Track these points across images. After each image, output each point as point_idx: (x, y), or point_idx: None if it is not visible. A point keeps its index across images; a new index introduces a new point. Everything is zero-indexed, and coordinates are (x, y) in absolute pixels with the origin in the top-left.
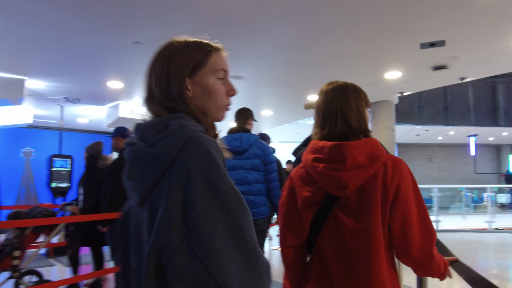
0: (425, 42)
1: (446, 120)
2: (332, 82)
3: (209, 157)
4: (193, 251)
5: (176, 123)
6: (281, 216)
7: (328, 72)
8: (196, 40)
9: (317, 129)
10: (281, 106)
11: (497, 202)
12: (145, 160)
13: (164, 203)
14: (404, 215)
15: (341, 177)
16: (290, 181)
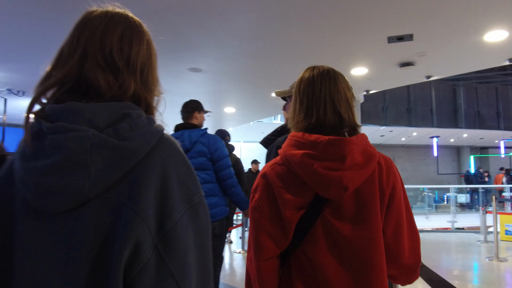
0: (393, 36)
1: (409, 121)
2: (317, 67)
3: (184, 161)
4: (166, 265)
5: (137, 114)
6: (254, 223)
7: (292, 67)
8: None
9: (301, 117)
10: (244, 103)
11: (457, 202)
12: (109, 152)
13: (134, 207)
14: (398, 219)
15: (341, 178)
16: (265, 180)
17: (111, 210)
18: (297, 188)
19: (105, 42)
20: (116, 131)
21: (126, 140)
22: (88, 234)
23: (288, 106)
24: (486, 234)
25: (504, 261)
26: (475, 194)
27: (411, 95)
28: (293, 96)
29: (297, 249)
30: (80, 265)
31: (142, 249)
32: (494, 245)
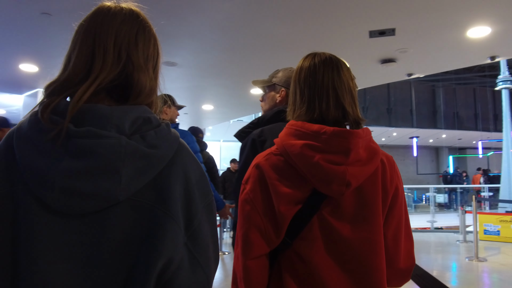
0: (375, 30)
1: (389, 121)
2: (318, 54)
3: (199, 165)
4: (196, 259)
5: (155, 118)
6: (244, 217)
7: (272, 61)
8: None
9: (303, 111)
10: (222, 101)
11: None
12: (140, 159)
13: (166, 210)
14: (398, 222)
15: (344, 173)
16: (258, 171)
17: (140, 213)
18: (294, 182)
19: (138, 43)
20: (145, 138)
21: (155, 147)
22: (114, 235)
23: (267, 97)
24: (465, 234)
25: (483, 261)
26: (453, 194)
27: (391, 95)
28: (292, 85)
29: (288, 248)
30: (106, 265)
31: (177, 248)
32: (474, 245)
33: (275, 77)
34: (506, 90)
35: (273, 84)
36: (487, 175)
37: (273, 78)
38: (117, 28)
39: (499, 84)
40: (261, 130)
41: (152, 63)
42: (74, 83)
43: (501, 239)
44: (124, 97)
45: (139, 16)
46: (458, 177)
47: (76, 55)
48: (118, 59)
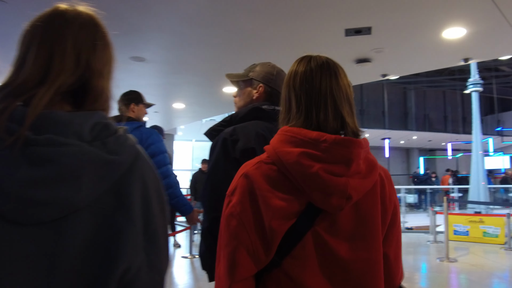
0: (351, 28)
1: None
2: (313, 57)
3: (154, 169)
4: (153, 263)
5: (112, 124)
6: (230, 234)
7: (246, 58)
8: None
9: (300, 121)
10: (194, 98)
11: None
12: (101, 166)
13: (125, 215)
14: (398, 240)
15: (346, 184)
16: (246, 181)
17: (101, 219)
18: (288, 194)
19: (96, 49)
20: (105, 145)
21: (115, 154)
22: (74, 243)
23: (243, 92)
24: (435, 235)
25: (454, 261)
26: (423, 194)
27: (364, 96)
28: (284, 91)
29: (276, 268)
30: (65, 274)
31: (137, 252)
32: (445, 245)
33: (252, 71)
34: (476, 93)
35: (250, 79)
36: (456, 176)
37: (250, 73)
38: (76, 33)
39: (469, 87)
40: (234, 129)
41: (108, 69)
42: (29, 87)
43: (470, 239)
44: (79, 103)
45: (96, 22)
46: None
47: (32, 57)
48: (77, 64)
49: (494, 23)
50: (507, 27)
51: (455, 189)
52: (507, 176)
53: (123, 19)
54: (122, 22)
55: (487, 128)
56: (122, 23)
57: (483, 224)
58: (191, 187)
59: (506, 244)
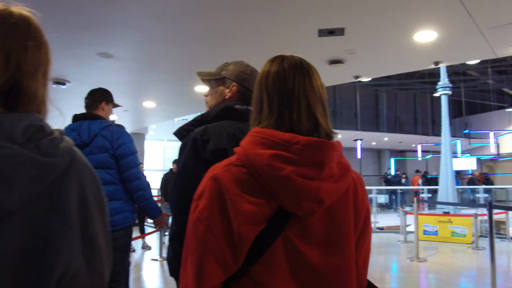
0: (324, 29)
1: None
2: (286, 57)
3: (92, 171)
4: (92, 265)
5: (47, 126)
6: (197, 240)
7: (218, 57)
8: None
9: (272, 122)
10: (165, 97)
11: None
12: (34, 169)
13: (62, 218)
14: (368, 246)
15: (318, 188)
16: (215, 184)
17: (35, 223)
18: (258, 197)
19: (27, 50)
20: (39, 147)
21: (50, 156)
22: (7, 247)
23: (215, 91)
24: (406, 235)
25: (424, 261)
26: (394, 195)
27: (337, 98)
28: (256, 91)
29: (244, 275)
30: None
31: (74, 256)
32: (415, 245)
33: (225, 70)
34: (445, 96)
35: (223, 77)
36: (425, 177)
37: (222, 71)
38: (5, 33)
39: (438, 90)
40: (204, 128)
41: (43, 70)
42: None
43: (439, 239)
44: (11, 105)
45: (29, 22)
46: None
47: None
48: (6, 65)
49: (464, 28)
50: (476, 32)
51: (425, 190)
52: (474, 177)
53: (90, 13)
54: (88, 16)
55: (455, 130)
56: (88, 17)
57: (451, 224)
58: (161, 188)
59: (474, 243)
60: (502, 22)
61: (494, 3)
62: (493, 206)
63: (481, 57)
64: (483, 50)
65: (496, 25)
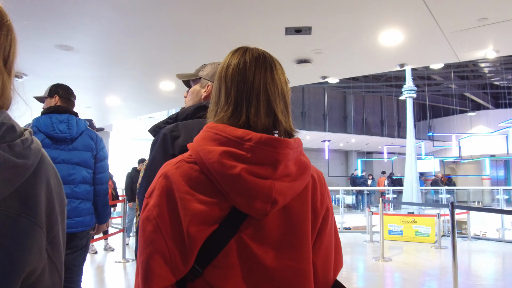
0: (291, 27)
1: (303, 125)
2: (249, 49)
3: (56, 173)
4: (54, 264)
5: (16, 125)
6: (145, 240)
7: (185, 52)
8: None
9: (228, 114)
10: (130, 93)
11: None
12: (7, 169)
13: (32, 218)
14: (328, 248)
15: (270, 188)
16: (165, 182)
17: (4, 222)
18: (210, 196)
19: None
20: (12, 148)
21: (23, 157)
22: None
23: (191, 91)
24: (371, 235)
25: (389, 260)
26: (360, 195)
27: (306, 99)
28: (216, 83)
29: (197, 278)
30: None
31: (42, 254)
32: (380, 245)
33: (202, 71)
34: (410, 99)
35: (199, 78)
36: (391, 178)
37: (199, 72)
38: None
39: (404, 93)
40: (176, 125)
41: (2, 56)
42: None
43: (404, 238)
44: None
45: None
46: (363, 179)
47: None
48: None
49: (428, 31)
50: (440, 35)
51: (390, 191)
52: (437, 179)
53: (46, 2)
54: (45, 4)
55: (420, 133)
56: (44, 6)
57: (415, 224)
58: (126, 187)
59: (436, 242)
60: (465, 26)
61: (457, 7)
62: (455, 206)
63: (445, 60)
64: (447, 54)
65: (459, 29)
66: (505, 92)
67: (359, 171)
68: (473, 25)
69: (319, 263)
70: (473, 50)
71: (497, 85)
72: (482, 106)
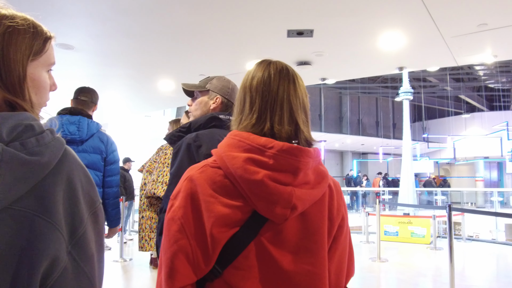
0: (293, 29)
1: None
2: (273, 62)
3: (85, 172)
4: (81, 268)
5: (38, 125)
6: (169, 239)
7: (184, 53)
8: (35, 22)
9: (252, 122)
10: (128, 92)
11: None
12: (19, 167)
13: (48, 219)
14: (342, 255)
15: (291, 194)
16: (190, 185)
17: (21, 222)
18: (232, 200)
19: None
20: (25, 145)
21: (36, 155)
22: None
23: (199, 102)
24: (367, 235)
25: (385, 261)
26: (355, 196)
27: None
28: (240, 93)
29: (217, 278)
30: None
31: (60, 257)
32: (377, 246)
33: (210, 83)
34: (407, 100)
35: (207, 90)
36: (386, 179)
37: (207, 84)
38: None
39: (401, 95)
40: (196, 135)
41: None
42: None
43: (399, 239)
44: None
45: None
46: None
47: None
48: None
49: (428, 35)
50: (440, 40)
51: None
52: (430, 180)
53: (48, 1)
54: (47, 4)
55: (415, 134)
56: (47, 6)
57: (411, 225)
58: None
59: (432, 244)
60: (465, 31)
61: (458, 13)
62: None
63: (443, 64)
64: (445, 58)
65: (459, 34)
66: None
67: (355, 172)
68: (472, 30)
69: (333, 269)
70: (471, 55)
71: (492, 87)
72: (477, 108)
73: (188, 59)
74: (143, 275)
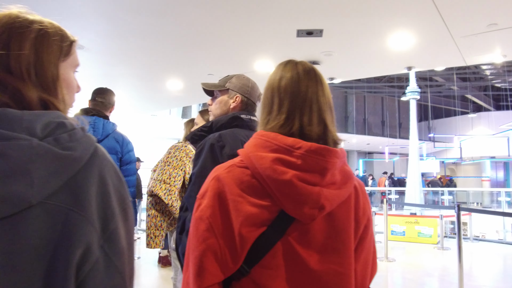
0: (303, 29)
1: None
2: (300, 62)
3: (115, 169)
4: (113, 263)
5: (70, 123)
6: (198, 238)
7: (194, 53)
8: (60, 27)
9: (276, 122)
10: (136, 92)
11: None
12: (52, 161)
13: (81, 212)
14: (367, 255)
15: (319, 194)
16: (218, 184)
17: (55, 216)
18: (260, 200)
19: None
20: (58, 140)
21: (69, 150)
22: (29, 241)
23: (219, 101)
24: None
25: (393, 261)
26: None
27: None
28: (267, 94)
29: (244, 277)
30: (22, 272)
31: (91, 250)
32: (384, 246)
33: (229, 83)
34: (413, 100)
35: (227, 89)
36: (392, 179)
37: (227, 83)
38: None
39: (408, 94)
40: (220, 135)
41: (38, 66)
42: None
43: (406, 239)
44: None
45: (12, 21)
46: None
47: None
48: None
49: (438, 35)
50: (449, 40)
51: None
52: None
53: (60, 2)
54: (59, 4)
55: (421, 134)
56: (59, 6)
57: (418, 225)
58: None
59: (439, 243)
60: (474, 31)
61: (468, 13)
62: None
63: (452, 64)
64: (454, 58)
65: (468, 34)
66: (507, 94)
67: (361, 171)
68: (482, 30)
69: (359, 269)
70: (481, 55)
71: (499, 87)
72: (483, 108)
73: (197, 58)
74: (151, 274)
